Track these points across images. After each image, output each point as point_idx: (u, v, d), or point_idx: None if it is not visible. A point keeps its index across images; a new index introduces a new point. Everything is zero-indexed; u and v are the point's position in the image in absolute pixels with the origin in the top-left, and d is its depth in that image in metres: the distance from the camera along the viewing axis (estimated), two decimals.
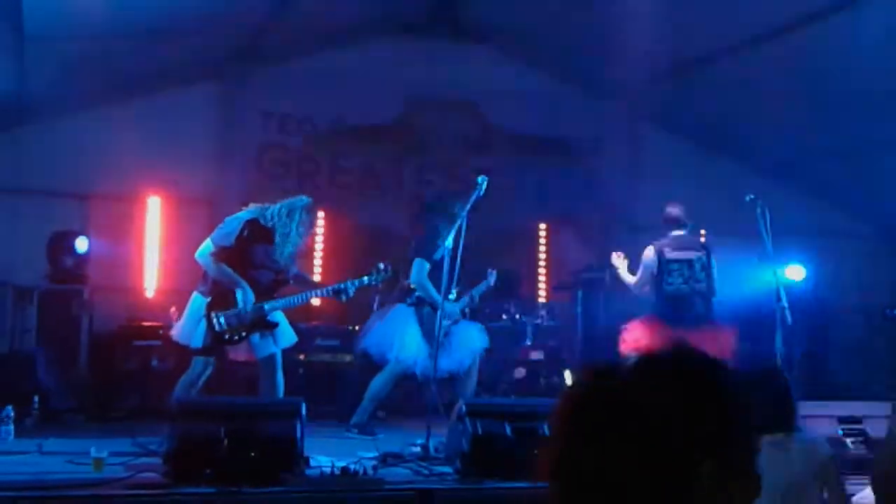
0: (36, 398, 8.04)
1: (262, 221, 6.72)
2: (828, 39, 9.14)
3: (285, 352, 8.31)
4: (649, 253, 8.22)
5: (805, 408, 5.99)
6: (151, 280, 10.27)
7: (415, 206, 10.55)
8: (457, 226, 6.98)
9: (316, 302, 10.48)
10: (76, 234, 9.62)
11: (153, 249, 10.29)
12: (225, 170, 10.74)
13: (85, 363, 8.98)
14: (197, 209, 10.31)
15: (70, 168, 9.96)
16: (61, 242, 9.51)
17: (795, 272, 10.61)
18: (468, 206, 7.02)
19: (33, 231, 9.57)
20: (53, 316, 9.17)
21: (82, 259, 9.57)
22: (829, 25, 8.92)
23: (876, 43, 8.69)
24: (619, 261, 8.52)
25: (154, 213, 10.35)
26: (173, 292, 9.25)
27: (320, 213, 10.89)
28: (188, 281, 7.34)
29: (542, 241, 11.61)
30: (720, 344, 8.02)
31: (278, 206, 6.79)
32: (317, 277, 10.69)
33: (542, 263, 11.55)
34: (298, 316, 9.66)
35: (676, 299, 8.10)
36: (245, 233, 6.66)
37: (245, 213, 6.78)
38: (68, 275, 9.44)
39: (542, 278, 11.51)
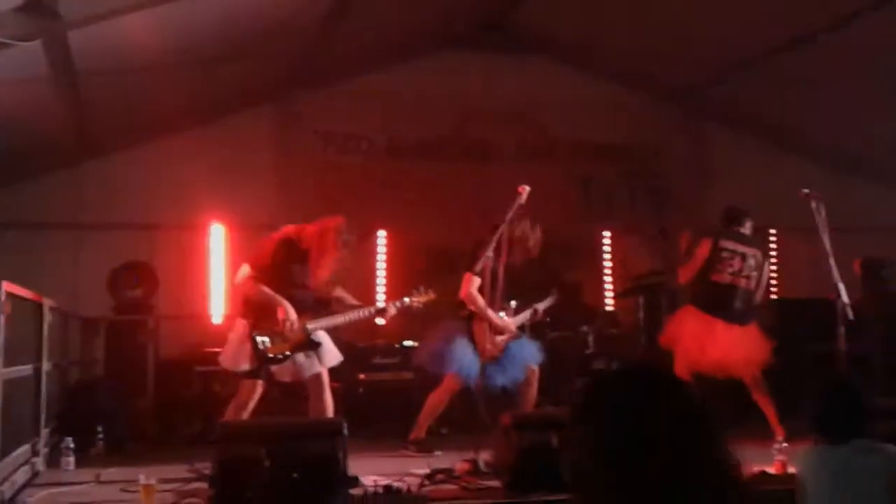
0: (101, 427, 8.17)
1: (297, 241, 6.73)
2: (890, 26, 8.82)
3: (345, 372, 8.34)
4: (705, 241, 8.04)
5: None
6: (217, 307, 10.36)
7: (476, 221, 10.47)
8: (496, 236, 6.90)
9: (380, 321, 10.54)
10: (141, 265, 9.78)
11: (218, 276, 10.38)
12: (286, 193, 10.81)
13: (150, 391, 9.11)
14: (260, 234, 10.37)
15: (133, 199, 10.19)
16: (127, 273, 9.67)
17: (869, 266, 10.25)
18: (509, 216, 6.94)
19: (99, 263, 9.75)
20: (120, 346, 9.35)
21: (148, 289, 9.73)
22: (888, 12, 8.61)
23: None
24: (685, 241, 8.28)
25: (217, 239, 10.45)
26: None
27: (382, 232, 11.02)
28: None
29: (607, 248, 11.43)
30: (756, 348, 7.78)
31: (311, 226, 6.79)
32: (381, 298, 10.72)
33: (607, 271, 11.37)
34: (357, 335, 9.72)
35: (720, 289, 7.87)
36: (281, 253, 6.67)
37: (279, 235, 6.81)
38: (134, 305, 9.61)
39: (608, 286, 11.33)
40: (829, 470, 4.00)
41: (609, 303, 11.30)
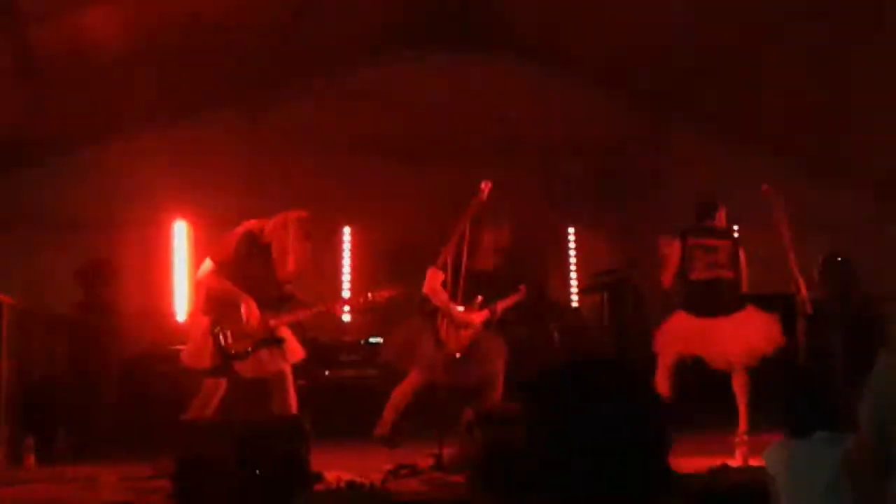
0: (62, 426, 8.11)
1: (259, 236, 6.72)
2: (849, 24, 8.89)
3: (311, 369, 8.31)
4: (673, 242, 8.01)
5: None
6: (182, 305, 10.31)
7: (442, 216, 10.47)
8: (460, 232, 6.91)
9: (347, 318, 10.55)
10: (105, 262, 9.71)
11: (182, 274, 10.33)
12: (252, 191, 10.74)
13: (114, 390, 9.04)
14: (225, 232, 10.33)
15: (97, 197, 10.10)
16: (90, 271, 9.59)
17: (833, 262, 10.34)
18: (472, 212, 6.95)
19: (63, 260, 9.67)
20: (83, 344, 9.27)
21: (111, 287, 9.65)
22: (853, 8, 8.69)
23: None
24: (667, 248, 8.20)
25: (181, 237, 10.39)
26: None
27: (347, 229, 11.02)
28: None
29: (572, 245, 11.47)
30: (762, 328, 7.65)
31: (272, 220, 6.78)
32: (347, 295, 10.72)
33: (572, 268, 11.41)
34: (323, 332, 9.71)
35: (701, 286, 7.81)
36: (244, 247, 6.66)
37: (241, 229, 6.79)
38: (97, 303, 9.53)
39: (573, 283, 11.37)
40: (796, 464, 4.01)
41: (574, 299, 11.34)
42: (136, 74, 9.10)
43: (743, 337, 7.63)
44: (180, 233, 10.39)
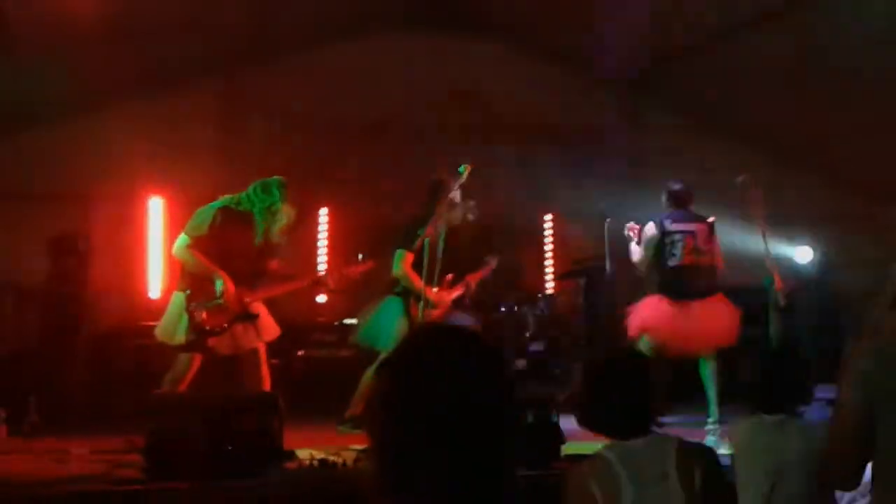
0: (34, 399, 8.06)
1: (236, 208, 6.70)
2: (835, 15, 8.92)
3: (284, 349, 8.31)
4: (650, 228, 8.03)
5: None
6: (155, 281, 10.26)
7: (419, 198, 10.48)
8: (436, 214, 6.92)
9: (322, 299, 10.54)
10: (77, 236, 9.65)
11: (155, 250, 10.28)
12: (228, 169, 10.68)
13: (85, 364, 9.00)
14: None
15: (71, 171, 9.98)
16: (62, 244, 9.54)
17: (803, 255, 10.46)
18: (449, 195, 6.97)
19: (35, 234, 9.60)
20: (55, 318, 9.22)
21: (84, 261, 9.60)
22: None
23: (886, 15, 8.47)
24: (633, 233, 8.23)
25: (156, 213, 10.34)
26: None
27: (324, 210, 11.01)
28: None
29: (549, 231, 11.50)
30: (729, 318, 7.73)
31: (251, 188, 6.78)
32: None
33: (548, 254, 11.44)
34: (297, 313, 9.69)
35: (680, 272, 7.82)
36: (219, 222, 6.63)
37: (217, 203, 6.77)
38: (69, 277, 9.47)
39: (548, 269, 11.40)
40: (760, 441, 4.03)
41: (549, 285, 11.39)
42: (111, 47, 9.01)
43: (708, 324, 7.69)
44: (155, 208, 10.33)
